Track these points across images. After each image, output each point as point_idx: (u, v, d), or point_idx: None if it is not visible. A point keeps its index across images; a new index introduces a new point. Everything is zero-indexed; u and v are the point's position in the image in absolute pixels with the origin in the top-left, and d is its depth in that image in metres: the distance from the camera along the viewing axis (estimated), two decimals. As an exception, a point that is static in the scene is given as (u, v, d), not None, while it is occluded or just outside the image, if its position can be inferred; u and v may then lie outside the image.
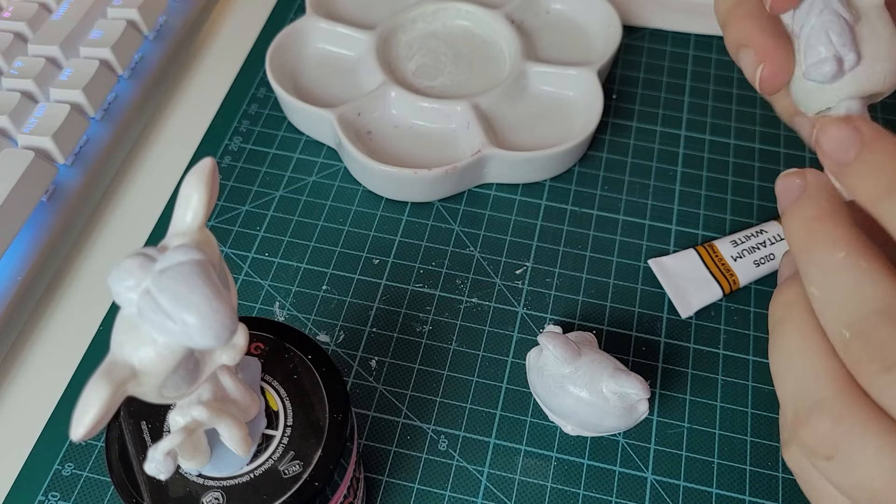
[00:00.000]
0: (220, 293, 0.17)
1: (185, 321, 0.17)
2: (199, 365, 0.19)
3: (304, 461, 0.22)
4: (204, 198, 0.19)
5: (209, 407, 0.21)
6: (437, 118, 0.40)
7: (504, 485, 0.31)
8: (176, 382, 0.19)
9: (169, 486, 0.22)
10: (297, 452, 0.22)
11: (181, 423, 0.21)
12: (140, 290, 0.17)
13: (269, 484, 0.22)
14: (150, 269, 0.17)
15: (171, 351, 0.18)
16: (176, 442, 0.20)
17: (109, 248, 0.38)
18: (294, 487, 0.22)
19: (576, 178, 0.40)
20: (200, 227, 0.19)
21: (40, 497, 0.30)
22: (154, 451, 0.20)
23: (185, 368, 0.18)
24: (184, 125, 0.43)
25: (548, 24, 0.45)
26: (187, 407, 0.21)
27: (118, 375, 0.18)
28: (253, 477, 0.22)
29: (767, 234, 0.36)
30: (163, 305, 0.17)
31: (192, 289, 0.17)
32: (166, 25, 0.43)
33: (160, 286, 0.17)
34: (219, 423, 0.21)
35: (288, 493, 0.22)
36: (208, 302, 0.17)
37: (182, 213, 0.19)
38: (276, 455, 0.22)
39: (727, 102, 0.44)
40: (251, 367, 0.24)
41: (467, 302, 0.36)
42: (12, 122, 0.37)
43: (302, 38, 0.43)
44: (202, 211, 0.19)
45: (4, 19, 0.41)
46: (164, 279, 0.17)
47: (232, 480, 0.22)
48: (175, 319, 0.17)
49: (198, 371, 0.19)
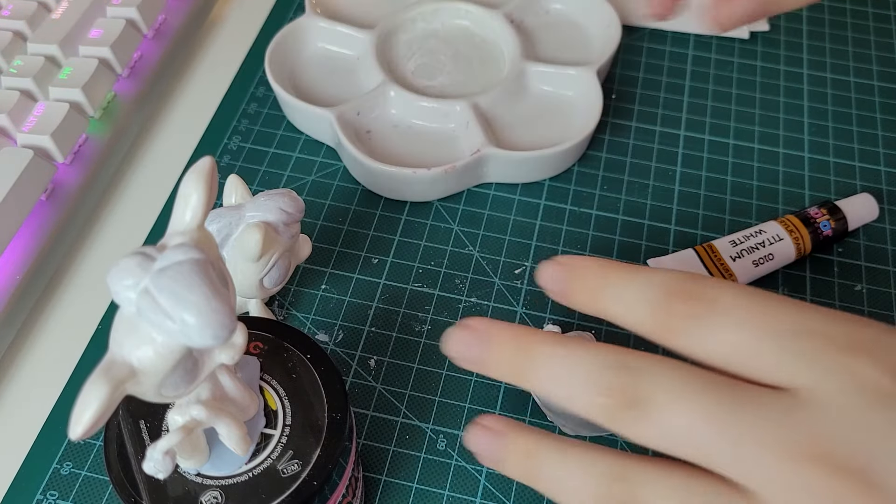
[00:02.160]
0: (219, 292, 0.17)
1: (184, 320, 0.17)
2: (197, 364, 0.19)
3: (303, 460, 0.22)
4: (203, 197, 0.19)
5: (208, 406, 0.21)
6: (437, 118, 0.40)
7: (503, 484, 0.31)
8: (175, 382, 0.19)
9: (167, 486, 0.22)
10: (295, 451, 0.22)
11: (180, 423, 0.21)
12: (139, 289, 0.17)
13: (267, 483, 0.22)
14: (149, 268, 0.17)
15: (170, 350, 0.18)
16: (174, 441, 0.20)
17: (108, 247, 0.38)
18: (293, 487, 0.22)
19: (575, 177, 0.40)
20: (199, 227, 0.19)
21: (38, 496, 0.30)
22: (153, 450, 0.20)
23: (184, 368, 0.18)
24: (183, 124, 0.43)
25: (547, 23, 0.45)
26: (186, 406, 0.21)
27: (117, 374, 0.18)
28: (251, 476, 0.22)
29: (766, 234, 0.36)
30: (162, 305, 0.17)
31: (191, 288, 0.17)
32: (165, 24, 0.43)
33: (159, 285, 0.17)
34: (217, 423, 0.21)
35: (286, 493, 0.22)
36: (207, 301, 0.17)
37: (181, 212, 0.19)
38: (274, 454, 0.22)
39: (726, 102, 0.44)
40: (250, 367, 0.24)
41: (466, 301, 0.36)
42: (11, 121, 0.37)
43: (301, 37, 0.43)
44: (201, 210, 0.19)
45: (4, 18, 0.41)
46: (163, 278, 0.17)
47: (230, 479, 0.22)
48: (174, 319, 0.17)
49: (197, 370, 0.19)
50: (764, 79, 0.45)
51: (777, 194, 0.40)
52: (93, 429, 0.17)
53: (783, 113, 0.43)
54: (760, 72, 0.45)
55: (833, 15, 0.48)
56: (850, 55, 0.46)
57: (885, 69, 0.46)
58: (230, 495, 0.22)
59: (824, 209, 0.37)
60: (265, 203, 0.30)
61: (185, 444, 0.21)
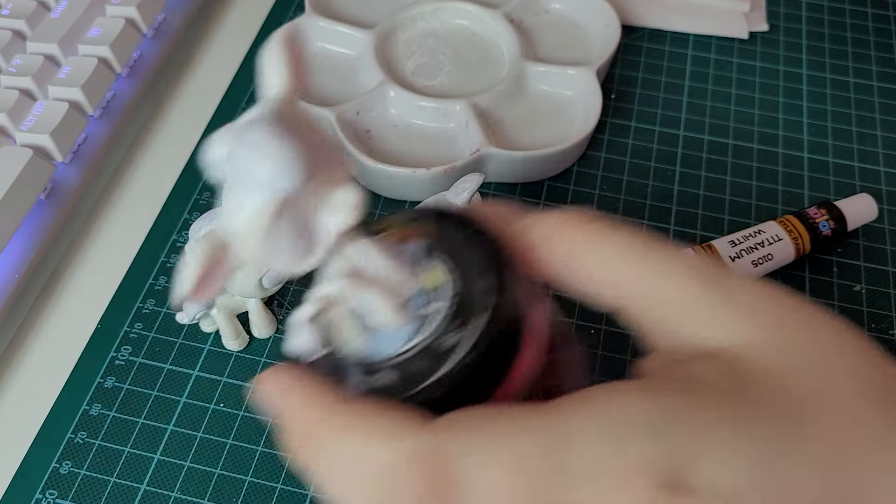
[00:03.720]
0: (293, 138, 0.17)
1: (258, 167, 0.17)
2: (307, 229, 0.19)
3: (465, 337, 0.20)
4: (284, 69, 0.18)
5: (353, 282, 0.20)
6: (436, 117, 0.40)
7: (502, 484, 0.31)
8: (283, 248, 0.19)
9: (326, 368, 0.21)
10: (458, 328, 0.21)
11: (324, 293, 0.21)
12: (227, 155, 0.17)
13: (427, 360, 0.20)
14: (235, 130, 0.17)
15: (258, 206, 0.18)
16: (311, 312, 0.20)
17: (107, 247, 0.38)
18: (453, 362, 0.20)
19: (574, 177, 0.40)
20: (285, 99, 0.18)
21: (38, 495, 0.30)
22: (292, 320, 0.20)
23: (289, 232, 0.18)
24: (182, 123, 0.43)
25: (547, 23, 0.45)
26: (327, 282, 0.21)
27: (214, 239, 0.18)
28: (411, 355, 0.21)
29: (765, 234, 0.36)
30: (240, 161, 0.17)
31: (266, 137, 0.17)
32: (165, 23, 0.43)
33: (239, 143, 0.17)
34: (365, 299, 0.20)
35: (446, 369, 0.20)
36: (279, 145, 0.17)
37: (265, 88, 0.19)
38: (437, 331, 0.21)
39: (726, 103, 0.44)
40: (410, 248, 0.22)
41: (466, 301, 0.36)
42: (11, 120, 0.37)
43: (301, 36, 0.43)
44: (284, 82, 0.18)
45: (3, 17, 0.41)
46: (243, 134, 0.17)
47: (389, 360, 0.21)
48: (252, 170, 0.17)
49: (307, 238, 0.19)
50: (763, 79, 0.45)
51: (776, 194, 0.40)
52: (192, 293, 0.18)
53: (782, 113, 0.43)
54: (760, 72, 0.45)
55: (832, 15, 0.48)
56: (850, 55, 0.46)
57: (884, 69, 0.46)
58: (390, 374, 0.21)
59: (823, 209, 0.37)
60: None
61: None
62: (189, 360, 0.34)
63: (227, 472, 0.31)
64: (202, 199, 0.39)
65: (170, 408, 0.32)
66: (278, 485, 0.31)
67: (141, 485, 0.31)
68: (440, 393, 0.20)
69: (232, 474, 0.31)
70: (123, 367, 0.33)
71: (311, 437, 0.19)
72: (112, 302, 0.35)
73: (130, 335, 0.34)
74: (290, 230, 0.18)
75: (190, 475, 0.31)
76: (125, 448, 0.31)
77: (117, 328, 0.35)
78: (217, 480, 0.31)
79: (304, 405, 0.19)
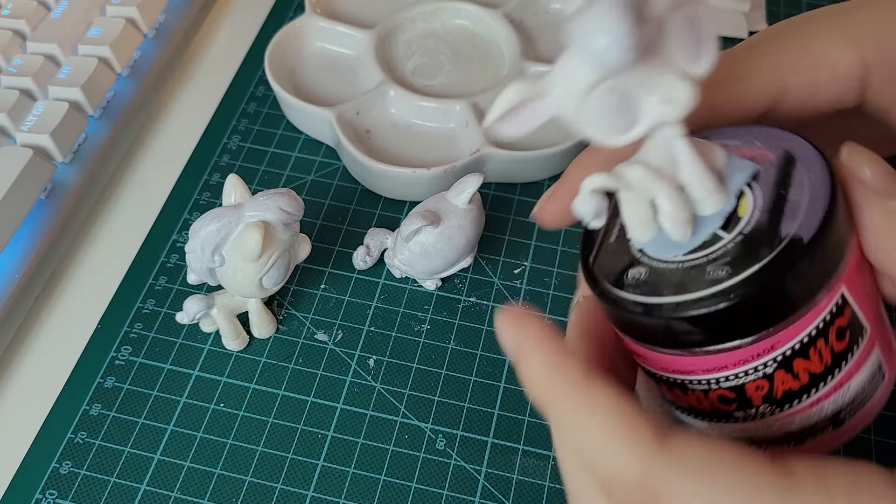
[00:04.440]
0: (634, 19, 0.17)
1: (594, 39, 0.17)
2: (627, 109, 0.19)
3: (735, 271, 0.20)
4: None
5: (660, 175, 0.20)
6: (436, 117, 0.40)
7: (502, 484, 0.31)
8: (602, 115, 0.19)
9: (609, 246, 0.22)
10: (733, 262, 0.20)
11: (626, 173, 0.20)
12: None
13: (691, 279, 0.20)
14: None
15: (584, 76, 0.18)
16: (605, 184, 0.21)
17: (107, 247, 0.38)
18: (711, 291, 0.19)
19: (574, 177, 0.40)
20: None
21: (38, 495, 0.30)
22: (585, 183, 0.21)
23: (607, 105, 0.19)
24: (182, 123, 0.43)
25: (547, 23, 0.45)
26: (626, 165, 0.21)
27: (532, 83, 0.19)
28: (679, 266, 0.20)
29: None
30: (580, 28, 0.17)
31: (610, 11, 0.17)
32: (165, 24, 0.43)
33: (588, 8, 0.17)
34: (657, 193, 0.20)
35: (701, 295, 0.20)
36: (610, 20, 0.17)
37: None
38: (712, 255, 0.20)
39: (726, 103, 0.44)
40: (739, 168, 0.21)
41: (465, 301, 0.36)
42: (11, 120, 0.37)
43: (301, 36, 0.43)
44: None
45: (3, 17, 0.41)
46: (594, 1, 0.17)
47: (662, 263, 0.21)
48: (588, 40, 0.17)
49: (627, 114, 0.19)
50: (763, 79, 0.45)
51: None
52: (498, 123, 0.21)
53: (783, 113, 0.43)
54: (760, 72, 0.45)
55: (833, 15, 0.48)
56: (850, 55, 0.46)
57: (884, 70, 0.46)
58: (653, 277, 0.21)
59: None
60: (264, 202, 0.30)
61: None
62: (189, 360, 0.34)
63: (227, 472, 0.31)
64: (202, 199, 0.39)
65: (170, 408, 0.32)
66: (278, 485, 0.31)
67: (141, 485, 0.31)
68: (714, 308, 0.19)
69: (232, 474, 0.31)
70: (123, 367, 0.34)
71: (551, 405, 0.20)
72: (112, 302, 0.35)
73: (130, 335, 0.34)
74: (610, 104, 0.19)
75: (190, 475, 0.31)
76: (125, 448, 0.31)
77: (117, 328, 0.35)
78: (217, 480, 0.31)
79: (546, 368, 0.20)
